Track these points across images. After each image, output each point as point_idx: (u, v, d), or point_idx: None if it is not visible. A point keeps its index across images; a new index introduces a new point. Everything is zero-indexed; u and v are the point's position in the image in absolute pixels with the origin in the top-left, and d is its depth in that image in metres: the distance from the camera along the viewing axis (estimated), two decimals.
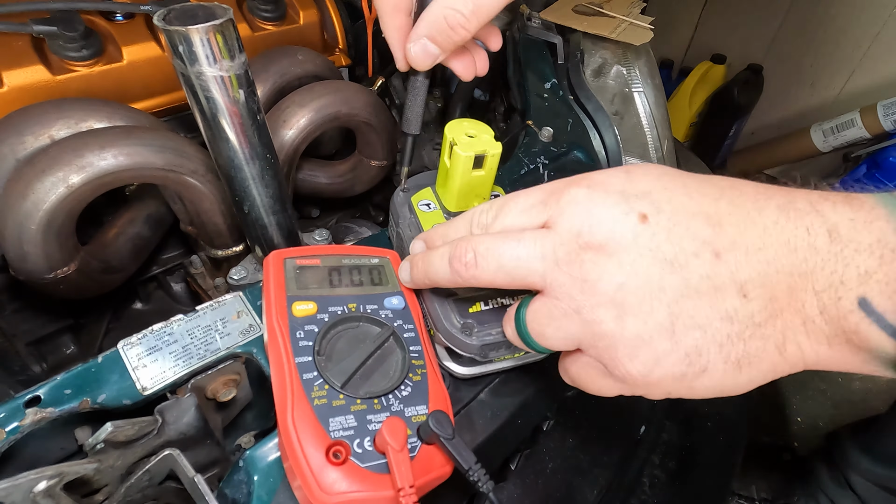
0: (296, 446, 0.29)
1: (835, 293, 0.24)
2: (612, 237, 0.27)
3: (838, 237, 0.24)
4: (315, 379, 0.32)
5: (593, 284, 0.27)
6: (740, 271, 0.26)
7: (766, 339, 0.26)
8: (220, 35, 0.34)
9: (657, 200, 0.28)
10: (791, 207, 0.26)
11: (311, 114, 0.56)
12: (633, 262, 0.27)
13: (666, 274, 0.26)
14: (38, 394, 0.34)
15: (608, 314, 0.27)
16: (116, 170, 0.43)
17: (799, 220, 0.25)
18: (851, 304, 0.24)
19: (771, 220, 0.26)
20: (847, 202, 0.25)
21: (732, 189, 0.28)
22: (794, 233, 0.25)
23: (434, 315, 0.38)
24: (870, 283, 0.23)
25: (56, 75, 0.52)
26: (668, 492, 0.55)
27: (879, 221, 0.24)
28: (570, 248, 0.28)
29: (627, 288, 0.27)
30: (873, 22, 1.73)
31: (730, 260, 0.26)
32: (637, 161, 0.65)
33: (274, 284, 0.37)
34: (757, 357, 0.26)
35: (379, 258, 0.42)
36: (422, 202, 0.44)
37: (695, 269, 0.26)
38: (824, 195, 0.26)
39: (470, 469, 0.30)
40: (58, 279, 0.46)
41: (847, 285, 0.24)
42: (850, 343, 0.24)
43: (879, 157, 1.68)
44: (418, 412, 0.33)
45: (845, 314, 0.24)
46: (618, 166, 0.31)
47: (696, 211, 0.27)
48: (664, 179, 0.29)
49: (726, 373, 0.26)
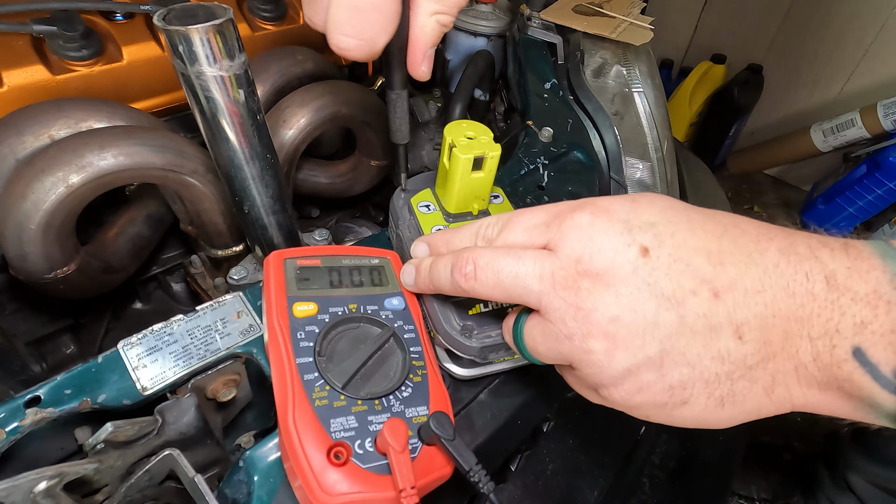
0: (297, 447, 0.29)
1: (829, 341, 0.24)
2: (612, 267, 0.27)
3: (835, 285, 0.24)
4: (316, 380, 0.32)
5: (587, 314, 0.27)
6: (738, 312, 0.26)
7: (755, 381, 0.26)
8: (220, 35, 0.34)
9: (660, 233, 0.28)
10: (792, 251, 0.26)
11: (311, 114, 0.56)
12: (629, 296, 0.27)
13: (662, 310, 0.26)
14: (38, 394, 0.34)
15: (599, 346, 0.27)
16: (116, 170, 0.43)
17: (799, 265, 0.25)
18: (846, 353, 0.24)
19: (772, 263, 0.26)
20: (845, 250, 0.25)
21: (735, 227, 0.28)
22: (794, 277, 0.25)
23: (434, 317, 0.38)
24: (865, 334, 0.23)
25: (56, 75, 0.52)
26: (668, 492, 0.55)
27: (876, 272, 0.24)
28: (568, 273, 0.28)
29: (621, 321, 0.27)
30: (873, 22, 1.73)
31: (728, 300, 0.26)
32: (637, 161, 0.65)
33: (274, 285, 0.37)
34: (742, 397, 0.26)
35: (379, 259, 0.42)
36: (421, 203, 0.44)
37: (692, 307, 0.26)
38: (823, 240, 0.26)
39: (471, 470, 0.30)
40: (58, 279, 0.46)
41: (842, 334, 0.24)
42: (842, 390, 0.25)
43: (879, 157, 1.68)
44: (419, 413, 0.33)
45: (839, 362, 0.24)
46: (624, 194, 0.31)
47: (698, 247, 0.27)
48: (669, 212, 0.29)
49: (707, 408, 0.27)
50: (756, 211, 2.18)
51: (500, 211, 0.45)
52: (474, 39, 0.77)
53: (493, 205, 0.46)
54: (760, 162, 2.18)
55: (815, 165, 2.09)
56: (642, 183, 0.65)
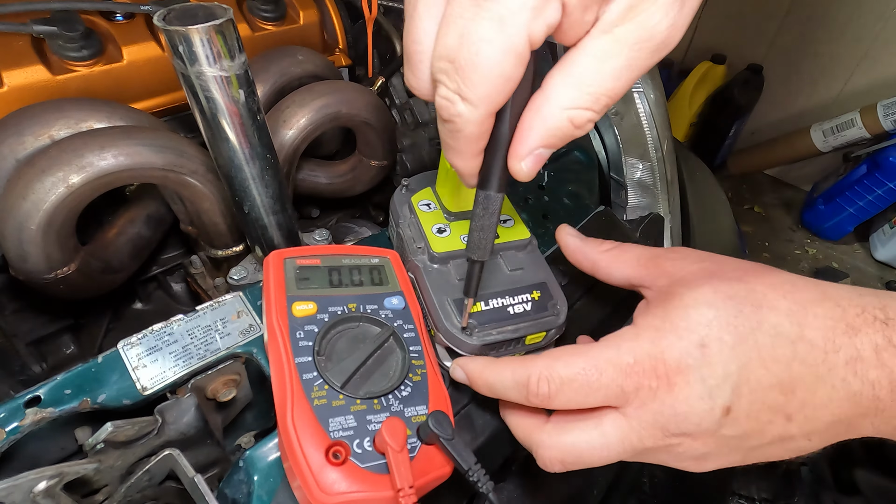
0: (295, 446, 0.29)
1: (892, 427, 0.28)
2: (698, 430, 0.29)
3: None
4: (315, 379, 0.32)
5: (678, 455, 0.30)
6: (807, 425, 0.28)
7: None
8: (220, 35, 0.34)
9: (737, 384, 0.28)
10: (858, 361, 0.27)
11: (311, 114, 0.56)
12: (716, 442, 0.29)
13: (742, 441, 0.29)
14: (38, 394, 0.34)
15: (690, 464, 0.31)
16: (116, 170, 0.43)
17: (865, 375, 0.27)
18: None
19: (839, 378, 0.28)
20: None
21: (802, 342, 0.28)
22: (860, 388, 0.27)
23: (434, 315, 0.38)
24: None
25: (56, 75, 0.52)
26: (668, 492, 0.55)
27: None
28: (657, 439, 0.30)
29: (710, 454, 0.30)
30: (873, 22, 1.73)
31: (800, 419, 0.28)
32: (637, 161, 0.65)
33: (274, 284, 0.37)
34: None
35: (379, 258, 0.42)
36: (422, 202, 0.45)
37: (769, 433, 0.29)
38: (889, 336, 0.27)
39: (470, 469, 0.30)
40: (58, 279, 0.46)
41: None
42: None
43: (879, 157, 1.68)
44: (418, 412, 0.33)
45: None
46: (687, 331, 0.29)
47: (772, 383, 0.28)
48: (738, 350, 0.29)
49: None
50: (756, 211, 2.18)
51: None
52: None
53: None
54: (760, 162, 2.18)
55: (815, 165, 2.09)
56: (642, 183, 0.65)
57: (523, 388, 0.32)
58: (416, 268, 0.41)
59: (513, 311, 0.39)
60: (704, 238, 0.74)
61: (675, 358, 0.29)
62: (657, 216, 0.64)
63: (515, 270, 0.42)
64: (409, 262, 0.42)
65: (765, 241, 2.07)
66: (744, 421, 0.29)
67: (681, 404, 0.29)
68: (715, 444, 0.29)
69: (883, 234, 1.90)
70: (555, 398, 0.31)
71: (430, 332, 0.40)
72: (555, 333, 0.40)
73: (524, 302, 0.39)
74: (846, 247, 2.04)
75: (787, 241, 2.08)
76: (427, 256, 0.41)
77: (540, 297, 0.40)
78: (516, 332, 0.38)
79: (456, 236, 0.42)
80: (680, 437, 0.29)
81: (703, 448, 0.30)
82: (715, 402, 0.28)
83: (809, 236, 2.09)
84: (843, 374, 0.27)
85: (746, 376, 0.28)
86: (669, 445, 0.30)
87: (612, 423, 0.30)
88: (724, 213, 0.91)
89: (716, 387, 0.28)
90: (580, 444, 0.31)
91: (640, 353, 0.30)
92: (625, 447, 0.30)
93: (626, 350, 0.30)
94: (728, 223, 0.90)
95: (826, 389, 0.28)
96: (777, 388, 0.28)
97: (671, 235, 0.64)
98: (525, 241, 0.43)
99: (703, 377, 0.29)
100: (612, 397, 0.30)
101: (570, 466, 0.31)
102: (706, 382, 0.28)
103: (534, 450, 0.33)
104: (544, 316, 0.39)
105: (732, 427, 0.29)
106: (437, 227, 0.42)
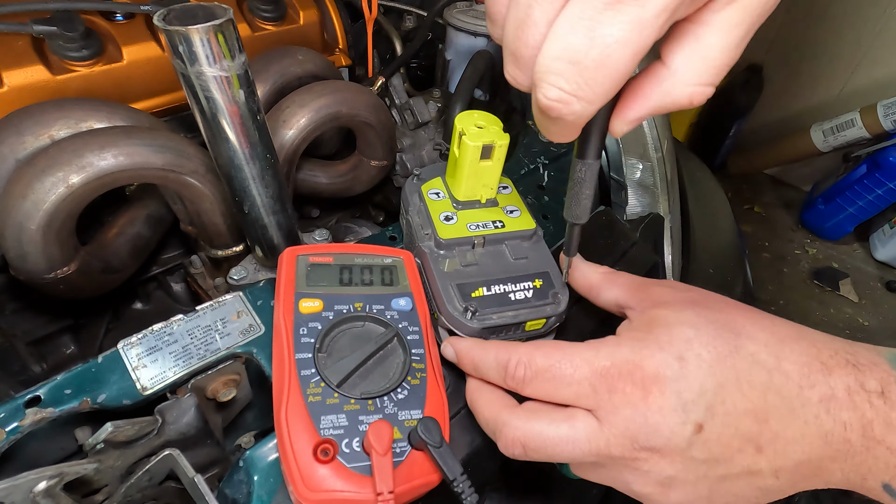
0: (286, 441, 0.30)
1: (860, 477, 0.28)
2: (668, 445, 0.29)
3: (872, 436, 0.27)
4: (312, 376, 0.32)
5: (644, 474, 0.30)
6: (777, 460, 0.28)
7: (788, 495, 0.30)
8: (220, 35, 0.34)
9: (712, 403, 0.29)
10: (832, 399, 0.28)
11: (311, 114, 0.56)
12: (684, 463, 0.29)
13: (710, 468, 0.29)
14: (38, 394, 0.34)
15: (655, 490, 0.30)
16: (116, 170, 0.43)
17: (837, 415, 0.28)
18: (876, 485, 0.28)
19: (812, 415, 0.28)
20: (883, 398, 0.27)
21: (779, 372, 0.29)
22: (832, 428, 0.28)
23: (438, 297, 0.39)
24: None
25: (56, 75, 0.52)
26: None
27: None
28: (624, 449, 0.29)
29: (676, 479, 0.30)
30: (873, 22, 1.73)
31: (770, 452, 0.28)
32: (637, 161, 0.65)
33: (284, 281, 0.37)
34: None
35: (393, 258, 0.42)
36: (431, 191, 0.46)
37: (738, 462, 0.29)
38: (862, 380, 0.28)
39: (455, 480, 0.30)
40: (58, 279, 0.46)
41: (874, 473, 0.27)
42: None
43: (879, 157, 1.68)
44: (412, 416, 0.33)
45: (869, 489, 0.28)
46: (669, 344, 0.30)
47: (746, 409, 0.29)
48: (716, 369, 0.29)
49: None
50: (756, 211, 2.18)
51: (510, 202, 0.46)
52: (474, 39, 0.77)
53: (501, 195, 0.47)
54: (760, 162, 2.18)
55: (815, 165, 2.09)
56: (642, 183, 0.65)
57: (502, 370, 0.33)
58: (422, 253, 0.42)
59: (514, 297, 0.40)
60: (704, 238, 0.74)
61: (653, 367, 0.29)
62: (657, 216, 0.64)
63: (519, 259, 0.42)
64: (416, 248, 0.43)
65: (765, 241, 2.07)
66: (714, 444, 0.28)
67: (654, 414, 0.28)
68: (682, 465, 0.29)
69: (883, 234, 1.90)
70: (528, 384, 0.32)
71: (433, 315, 0.40)
72: (555, 321, 0.41)
73: (526, 289, 0.40)
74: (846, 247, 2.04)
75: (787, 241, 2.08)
76: (434, 242, 0.42)
77: (542, 285, 0.41)
78: (516, 317, 0.39)
79: (462, 224, 0.43)
80: (648, 451, 0.29)
81: (670, 469, 0.29)
82: (688, 417, 0.28)
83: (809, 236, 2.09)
84: (816, 410, 0.28)
85: (722, 397, 0.29)
86: (636, 459, 0.29)
87: (583, 422, 0.30)
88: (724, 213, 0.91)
89: (691, 402, 0.28)
90: (547, 433, 0.30)
91: (618, 358, 0.30)
92: (591, 447, 0.29)
93: (605, 354, 0.31)
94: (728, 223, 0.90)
95: (798, 424, 0.28)
96: (751, 415, 0.28)
97: (671, 235, 0.64)
98: (530, 232, 0.44)
99: (678, 390, 0.29)
100: (584, 396, 0.30)
101: (530, 453, 0.31)
102: (681, 396, 0.29)
103: (498, 429, 0.32)
104: (545, 304, 0.40)
105: (702, 449, 0.29)
106: (445, 214, 0.43)
